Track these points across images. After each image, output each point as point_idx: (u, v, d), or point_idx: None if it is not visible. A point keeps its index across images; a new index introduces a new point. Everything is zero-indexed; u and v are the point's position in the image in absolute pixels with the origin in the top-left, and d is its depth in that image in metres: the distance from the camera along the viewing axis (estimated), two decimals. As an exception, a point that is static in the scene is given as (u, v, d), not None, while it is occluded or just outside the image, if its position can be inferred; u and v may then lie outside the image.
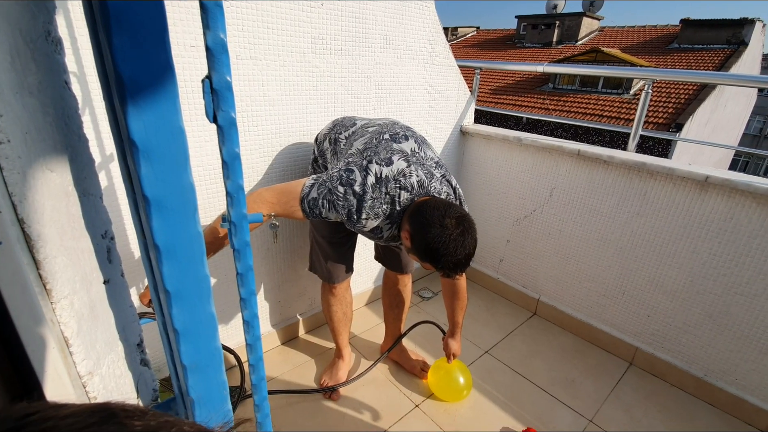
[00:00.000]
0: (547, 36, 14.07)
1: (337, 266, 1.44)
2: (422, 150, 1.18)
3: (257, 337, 0.45)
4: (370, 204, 1.06)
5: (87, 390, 0.43)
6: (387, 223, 1.13)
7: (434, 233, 0.99)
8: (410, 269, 1.56)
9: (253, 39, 1.28)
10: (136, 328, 0.52)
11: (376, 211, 1.08)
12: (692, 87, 8.64)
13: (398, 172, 1.08)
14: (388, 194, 1.08)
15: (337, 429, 1.41)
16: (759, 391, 1.48)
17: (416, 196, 1.10)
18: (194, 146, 1.26)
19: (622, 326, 1.80)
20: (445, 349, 1.52)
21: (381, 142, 1.14)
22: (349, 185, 1.05)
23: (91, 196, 0.42)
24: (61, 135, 0.40)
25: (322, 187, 1.05)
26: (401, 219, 1.11)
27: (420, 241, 1.02)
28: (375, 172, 1.06)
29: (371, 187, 1.05)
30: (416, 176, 1.10)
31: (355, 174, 1.06)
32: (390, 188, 1.07)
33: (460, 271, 1.04)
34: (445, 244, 0.98)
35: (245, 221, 0.41)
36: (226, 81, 0.33)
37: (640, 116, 1.77)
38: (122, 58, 0.29)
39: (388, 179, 1.07)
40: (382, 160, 1.08)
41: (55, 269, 0.38)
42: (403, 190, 1.08)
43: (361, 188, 1.05)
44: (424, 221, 1.01)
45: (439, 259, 1.00)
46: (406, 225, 1.07)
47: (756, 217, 1.38)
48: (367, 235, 1.20)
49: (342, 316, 1.53)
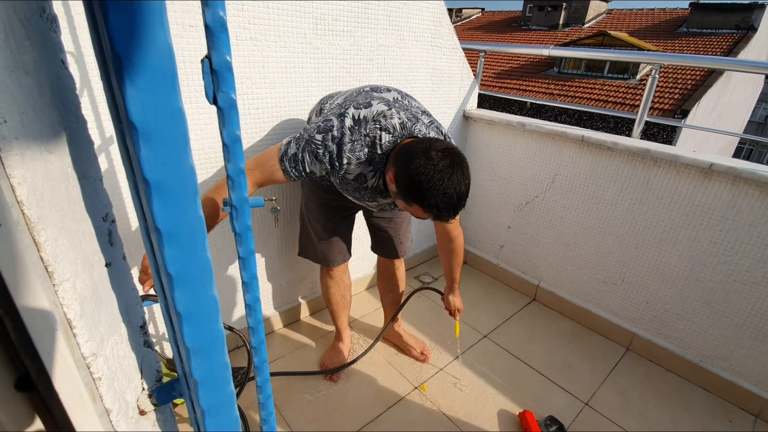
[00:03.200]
0: (553, 18, 13.78)
1: (332, 249, 1.43)
2: (406, 99, 1.14)
3: (259, 321, 0.45)
4: (350, 147, 1.01)
5: (91, 371, 0.43)
6: (370, 170, 1.07)
7: (417, 164, 0.89)
8: (401, 253, 1.56)
9: (253, 19, 1.25)
10: (139, 311, 0.52)
11: (357, 154, 1.03)
12: (699, 72, 8.50)
13: (378, 113, 1.03)
14: (367, 136, 1.02)
15: (337, 410, 1.44)
16: (753, 377, 1.50)
17: (399, 138, 1.03)
18: (195, 129, 1.25)
19: (621, 312, 1.82)
20: (448, 306, 1.50)
21: (361, 93, 1.10)
22: (327, 131, 1.01)
23: (90, 179, 0.42)
24: (58, 116, 0.39)
25: (299, 141, 1.02)
26: (384, 164, 1.06)
27: (403, 178, 0.93)
28: (352, 115, 1.02)
29: (349, 129, 1.01)
30: (398, 118, 1.04)
31: (332, 121, 1.02)
32: (369, 129, 1.02)
33: (451, 211, 0.93)
34: (429, 176, 0.88)
35: (247, 205, 0.41)
36: (226, 61, 0.32)
37: (645, 102, 1.75)
38: (119, 37, 0.29)
39: (367, 120, 1.02)
40: (360, 105, 1.04)
41: (57, 252, 0.38)
42: (384, 132, 1.02)
43: (339, 132, 1.00)
44: (407, 156, 0.93)
45: (424, 194, 0.90)
46: (391, 167, 0.99)
47: (758, 206, 1.37)
48: (351, 189, 1.15)
49: (340, 298, 1.54)
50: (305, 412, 1.43)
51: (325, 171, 1.06)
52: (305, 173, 1.05)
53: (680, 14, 12.03)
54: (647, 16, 12.73)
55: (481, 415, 1.45)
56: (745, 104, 11.46)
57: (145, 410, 0.52)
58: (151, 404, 0.52)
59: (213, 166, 1.34)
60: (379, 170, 1.08)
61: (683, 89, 8.34)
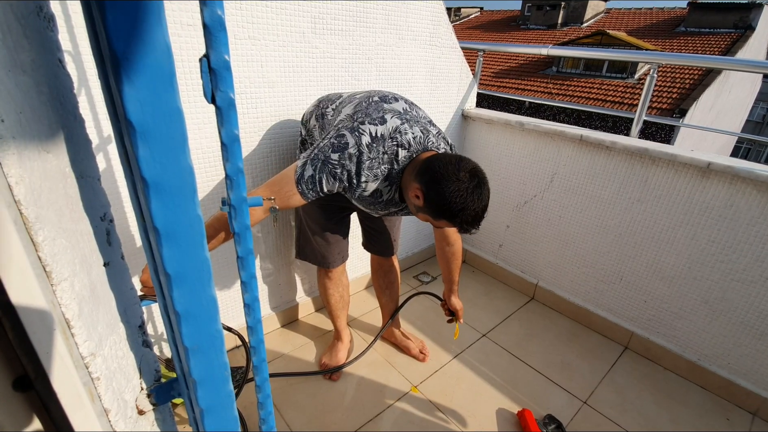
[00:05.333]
0: (552, 17, 13.79)
1: (331, 250, 1.43)
2: (414, 110, 1.15)
3: (258, 320, 0.45)
4: (368, 164, 1.02)
5: (90, 371, 0.43)
6: (386, 185, 1.09)
7: (451, 188, 0.93)
8: (394, 251, 1.57)
9: (251, 18, 1.25)
10: (138, 310, 0.52)
11: (375, 172, 1.04)
12: (698, 72, 8.51)
13: (393, 129, 1.04)
14: (386, 153, 1.03)
15: (336, 409, 1.44)
16: (751, 375, 1.50)
17: (414, 153, 1.06)
18: (193, 128, 1.25)
19: (619, 311, 1.82)
20: (452, 307, 1.49)
21: (371, 104, 1.10)
22: (342, 150, 1.00)
23: (88, 178, 0.42)
24: (56, 115, 0.39)
25: (315, 161, 1.01)
26: (400, 179, 1.07)
27: (435, 198, 0.97)
28: (369, 131, 1.02)
29: (367, 147, 1.01)
30: (412, 133, 1.05)
31: (346, 137, 1.01)
32: (387, 147, 1.03)
33: (477, 224, 0.99)
34: (463, 198, 0.93)
35: (245, 204, 0.41)
36: (224, 60, 0.32)
37: (644, 101, 1.75)
38: (117, 35, 0.28)
39: (384, 138, 1.03)
40: (375, 120, 1.04)
41: (55, 251, 0.38)
42: (401, 148, 1.04)
43: (355, 149, 1.00)
44: (437, 176, 0.96)
45: (457, 214, 0.95)
46: (415, 183, 1.01)
47: (756, 205, 1.37)
48: (366, 203, 1.15)
49: (339, 299, 1.54)
50: (304, 411, 1.43)
51: (343, 188, 1.06)
52: (323, 193, 1.04)
53: (678, 13, 12.05)
54: (645, 16, 12.74)
55: (479, 413, 1.45)
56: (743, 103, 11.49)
57: (143, 410, 0.52)
58: (150, 404, 0.52)
59: (212, 165, 1.34)
60: (395, 184, 1.09)
61: (681, 88, 8.35)
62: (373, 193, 1.10)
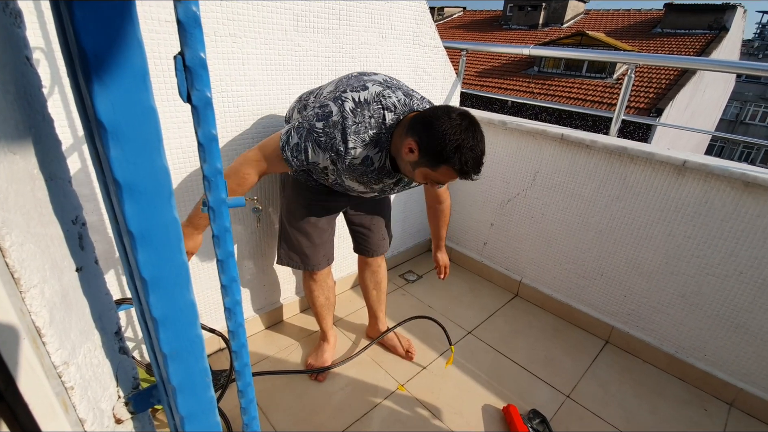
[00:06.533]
0: (533, 18, 13.98)
1: (317, 253, 1.41)
2: (394, 80, 1.14)
3: (240, 324, 0.44)
4: (354, 129, 1.00)
5: (63, 380, 0.42)
6: (376, 151, 1.06)
7: (444, 127, 0.92)
8: (384, 249, 1.58)
9: (232, 14, 1.22)
10: (114, 316, 0.50)
11: (362, 137, 1.02)
12: (673, 72, 8.76)
13: (377, 94, 1.03)
14: (372, 117, 1.02)
15: (323, 409, 1.43)
16: (727, 367, 1.55)
17: (401, 114, 1.05)
18: (172, 128, 1.22)
19: (600, 306, 1.86)
20: (438, 262, 1.57)
21: (351, 78, 1.10)
22: (326, 118, 1.00)
23: (58, 180, 0.40)
24: (23, 115, 0.37)
25: (300, 129, 1.01)
26: (389, 143, 1.06)
27: (429, 142, 0.94)
28: (351, 98, 1.01)
29: (351, 112, 1.00)
30: (395, 97, 1.05)
31: (329, 106, 1.01)
32: (373, 110, 1.02)
33: (478, 167, 0.96)
34: (458, 135, 0.91)
35: (224, 206, 0.40)
36: (200, 58, 0.31)
37: (622, 101, 1.79)
38: (85, 32, 0.27)
39: (368, 102, 1.02)
40: (357, 88, 1.03)
41: (23, 257, 0.36)
42: (387, 111, 1.03)
43: (339, 116, 0.99)
44: (428, 121, 0.95)
45: (453, 154, 0.92)
46: (407, 138, 0.99)
47: (729, 201, 1.42)
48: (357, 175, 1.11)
49: (324, 301, 1.53)
50: (290, 412, 1.41)
51: (330, 159, 1.04)
52: (307, 163, 1.03)
53: (655, 15, 12.37)
54: (623, 17, 13.04)
55: (465, 410, 1.46)
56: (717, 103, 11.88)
57: (121, 419, 0.50)
58: (128, 412, 0.51)
59: (191, 165, 1.31)
60: (384, 149, 1.07)
61: (658, 88, 8.58)
62: (363, 161, 1.06)
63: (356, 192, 1.24)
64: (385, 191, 1.24)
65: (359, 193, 1.25)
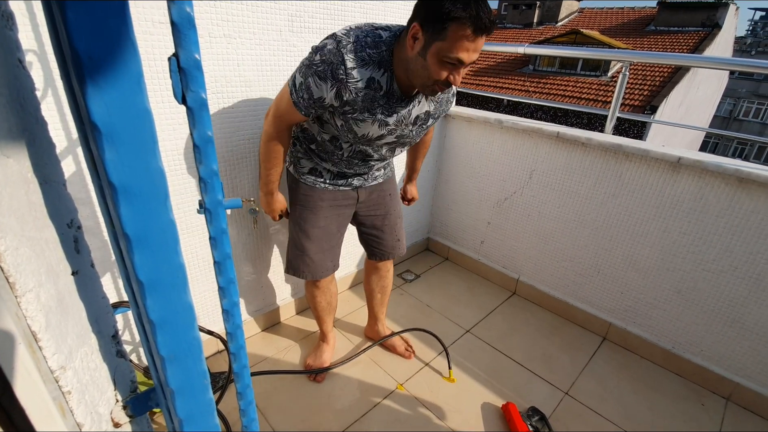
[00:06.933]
0: (528, 17, 14.03)
1: (325, 259, 1.38)
2: None
3: (237, 326, 0.44)
4: (350, 48, 0.98)
5: (60, 384, 0.41)
6: (381, 73, 1.02)
7: None
8: (395, 254, 1.53)
9: (227, 15, 1.22)
10: (111, 320, 0.50)
11: (361, 55, 0.99)
12: (667, 69, 8.81)
13: (366, 23, 1.04)
14: (367, 37, 1.00)
15: (322, 410, 1.43)
16: (723, 361, 1.56)
17: (397, 30, 1.03)
18: (167, 129, 1.21)
19: (597, 303, 1.87)
20: (405, 194, 1.63)
21: None
22: (322, 49, 0.99)
23: (53, 183, 0.40)
24: (16, 118, 0.37)
25: (302, 68, 1.02)
26: (392, 61, 1.03)
27: (428, 10, 0.89)
28: (342, 30, 1.01)
29: (344, 35, 0.99)
30: (386, 23, 1.06)
31: (324, 42, 1.01)
32: (367, 32, 1.01)
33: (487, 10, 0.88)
34: None
35: (221, 208, 0.40)
36: (194, 59, 0.31)
37: (617, 98, 1.80)
38: (78, 34, 0.27)
39: (360, 28, 1.01)
40: (346, 27, 1.03)
41: (18, 261, 0.36)
42: (381, 30, 1.02)
43: (333, 43, 0.98)
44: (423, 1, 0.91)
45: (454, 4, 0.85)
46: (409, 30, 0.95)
47: (724, 197, 1.43)
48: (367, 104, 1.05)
49: (326, 305, 1.52)
50: (290, 414, 1.41)
51: (335, 92, 1.01)
52: (313, 101, 1.03)
53: (649, 13, 12.44)
54: (617, 15, 13.11)
55: (465, 409, 1.47)
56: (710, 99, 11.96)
57: (119, 423, 0.50)
58: (126, 416, 0.50)
59: (188, 167, 1.31)
60: (388, 70, 1.03)
61: (652, 86, 8.63)
62: (368, 83, 1.02)
63: (374, 148, 1.18)
64: (404, 136, 1.18)
65: (377, 148, 1.18)
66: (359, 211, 1.42)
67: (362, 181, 1.35)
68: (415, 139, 1.24)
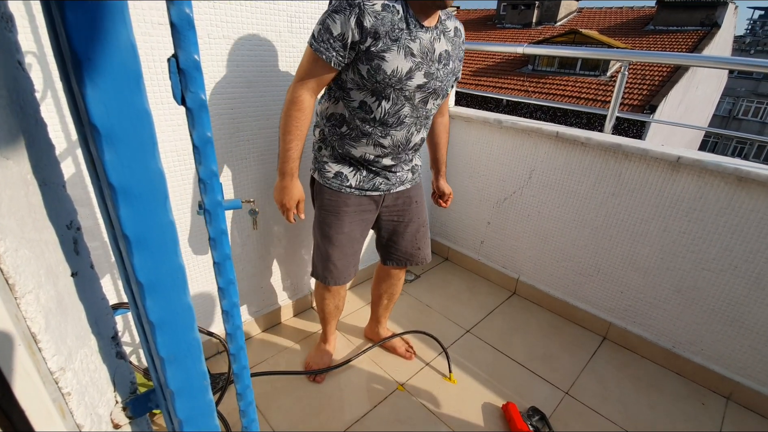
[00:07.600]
0: (527, 16, 14.04)
1: (348, 265, 1.36)
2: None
3: (237, 327, 0.44)
4: None
5: (60, 386, 0.41)
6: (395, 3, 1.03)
7: None
8: (422, 259, 1.47)
9: (225, 16, 1.22)
10: (110, 321, 0.50)
11: None
12: (666, 69, 8.81)
13: None
14: None
15: (322, 411, 1.43)
16: (723, 360, 1.56)
17: None
18: (167, 130, 1.22)
19: (597, 303, 1.87)
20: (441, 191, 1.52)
21: None
22: None
23: (52, 185, 0.40)
24: (15, 119, 0.37)
25: (318, 22, 1.03)
26: None
27: None
28: None
29: None
30: None
31: None
32: None
33: None
34: None
35: (220, 209, 0.40)
36: (193, 60, 0.31)
37: (616, 98, 1.80)
38: (77, 35, 0.27)
39: None
40: None
41: (18, 263, 0.36)
42: None
43: None
44: None
45: None
46: None
47: (724, 196, 1.43)
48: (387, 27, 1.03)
49: (334, 308, 1.52)
50: (290, 414, 1.41)
51: (354, 17, 1.00)
52: (334, 39, 1.02)
53: (647, 12, 12.45)
54: (616, 15, 13.12)
55: (465, 409, 1.47)
56: (709, 99, 11.97)
57: (119, 424, 0.50)
58: (126, 417, 0.50)
59: (188, 168, 1.31)
60: None
61: (651, 85, 8.64)
62: (384, 7, 1.02)
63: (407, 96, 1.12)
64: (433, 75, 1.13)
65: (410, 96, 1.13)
66: (381, 215, 1.37)
67: (389, 184, 1.29)
68: (444, 86, 1.18)
